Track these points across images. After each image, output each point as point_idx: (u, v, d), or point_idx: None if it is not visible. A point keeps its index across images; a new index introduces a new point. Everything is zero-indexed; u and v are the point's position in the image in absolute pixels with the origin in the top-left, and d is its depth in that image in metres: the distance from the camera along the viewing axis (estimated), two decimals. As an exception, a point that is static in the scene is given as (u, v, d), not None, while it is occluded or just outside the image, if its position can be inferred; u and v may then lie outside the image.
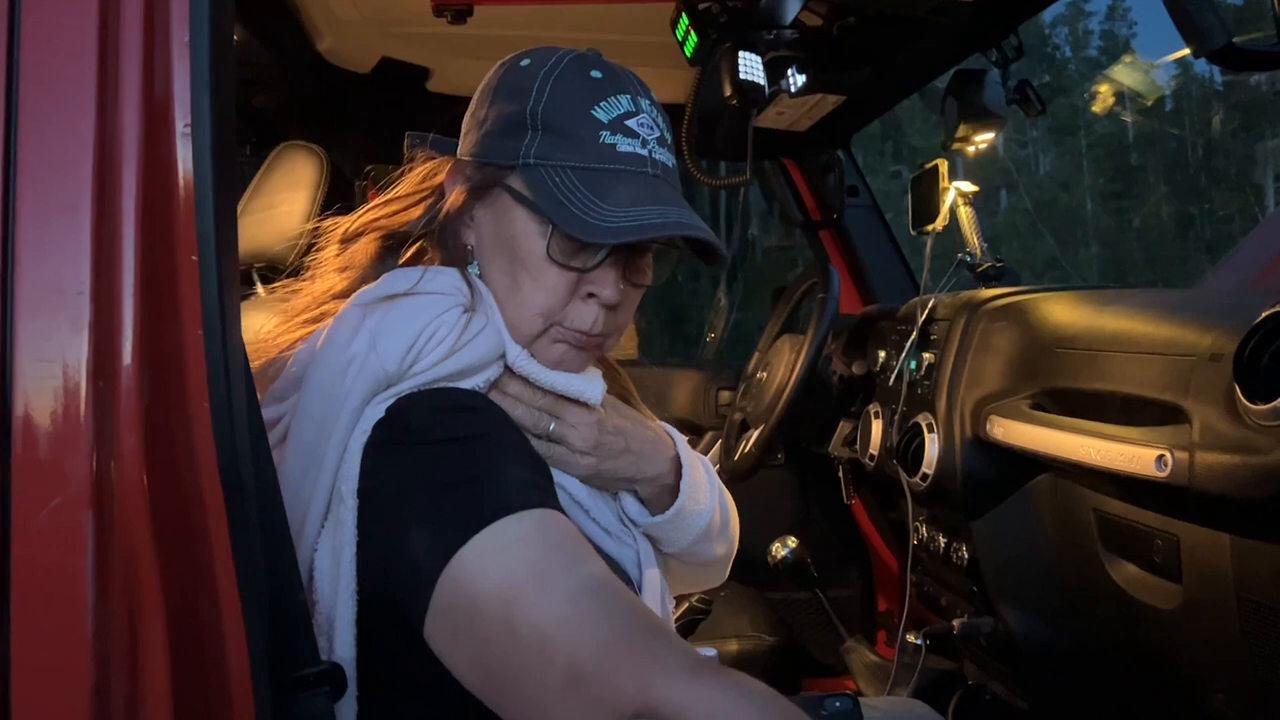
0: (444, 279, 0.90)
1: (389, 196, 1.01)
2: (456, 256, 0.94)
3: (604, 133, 0.88)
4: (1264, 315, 0.93)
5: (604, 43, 2.04)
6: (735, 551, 1.13)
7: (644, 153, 0.89)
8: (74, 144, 0.63)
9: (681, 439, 1.05)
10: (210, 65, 0.67)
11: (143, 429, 0.62)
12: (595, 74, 0.90)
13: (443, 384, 0.85)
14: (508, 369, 0.91)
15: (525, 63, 0.92)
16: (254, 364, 0.86)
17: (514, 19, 1.91)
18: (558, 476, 0.92)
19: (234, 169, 0.73)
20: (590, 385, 0.93)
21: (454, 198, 0.93)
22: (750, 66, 1.65)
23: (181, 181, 0.66)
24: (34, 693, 0.60)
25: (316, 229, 1.06)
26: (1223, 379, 1.00)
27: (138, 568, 0.62)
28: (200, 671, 0.65)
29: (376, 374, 0.83)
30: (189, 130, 0.67)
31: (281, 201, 1.78)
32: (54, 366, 0.61)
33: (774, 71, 1.75)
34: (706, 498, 1.03)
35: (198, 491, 0.65)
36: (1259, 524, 1.00)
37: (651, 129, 0.91)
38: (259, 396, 0.79)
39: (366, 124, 2.37)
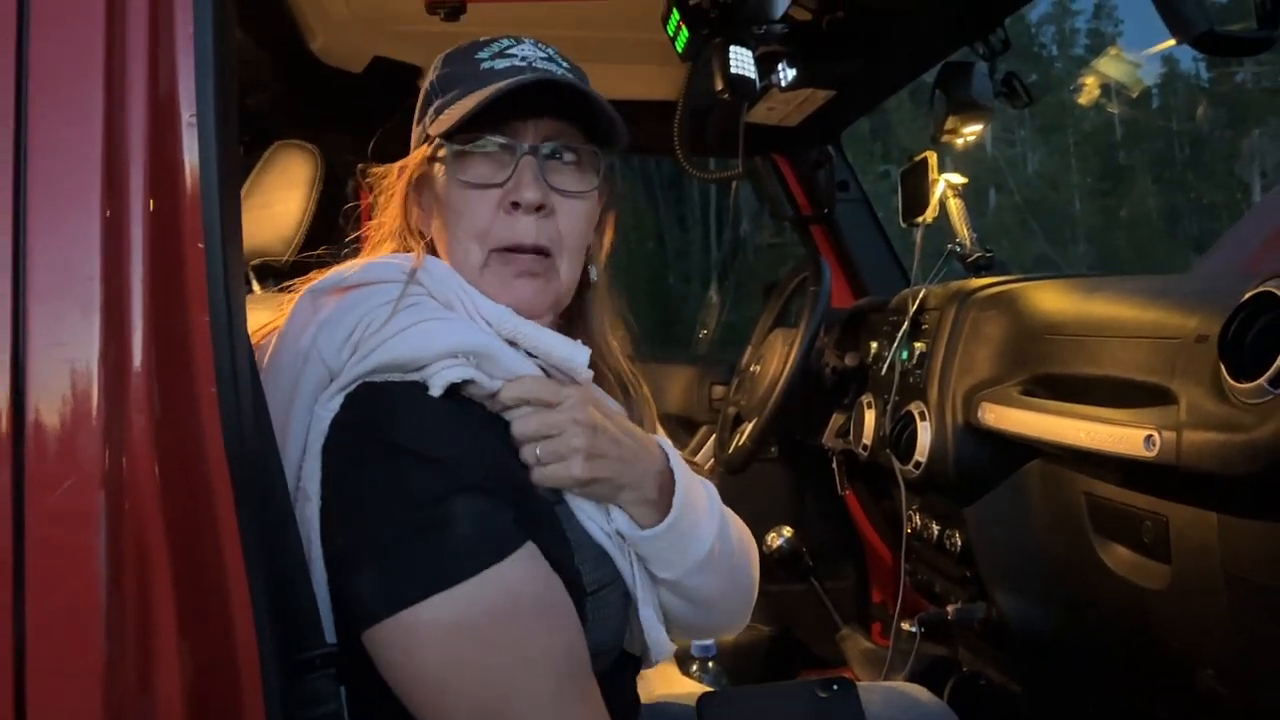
0: (382, 267, 0.91)
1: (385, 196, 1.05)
2: (420, 235, 0.99)
3: (484, 63, 0.94)
4: (1247, 295, 0.95)
5: (596, 39, 2.07)
6: (750, 602, 1.08)
7: (522, 64, 0.94)
8: (83, 135, 0.65)
9: (675, 453, 0.99)
10: (214, 57, 0.69)
11: (152, 411, 0.64)
12: (482, 39, 0.98)
13: (384, 375, 0.83)
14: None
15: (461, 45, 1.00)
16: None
17: (506, 17, 1.92)
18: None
19: (238, 158, 0.75)
20: (576, 350, 0.92)
21: (398, 195, 1.00)
22: (741, 61, 1.67)
23: (187, 170, 0.68)
24: (48, 669, 0.61)
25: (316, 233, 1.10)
26: (1208, 359, 1.02)
27: (148, 546, 0.63)
28: (210, 649, 0.66)
29: (319, 368, 0.84)
30: (194, 120, 0.68)
31: (277, 200, 1.79)
32: (65, 350, 0.62)
33: (765, 66, 1.76)
34: (707, 521, 0.98)
35: (205, 471, 0.66)
36: (1245, 501, 1.02)
37: (536, 51, 0.97)
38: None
39: (359, 123, 2.37)
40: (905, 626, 1.71)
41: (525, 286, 0.94)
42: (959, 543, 1.60)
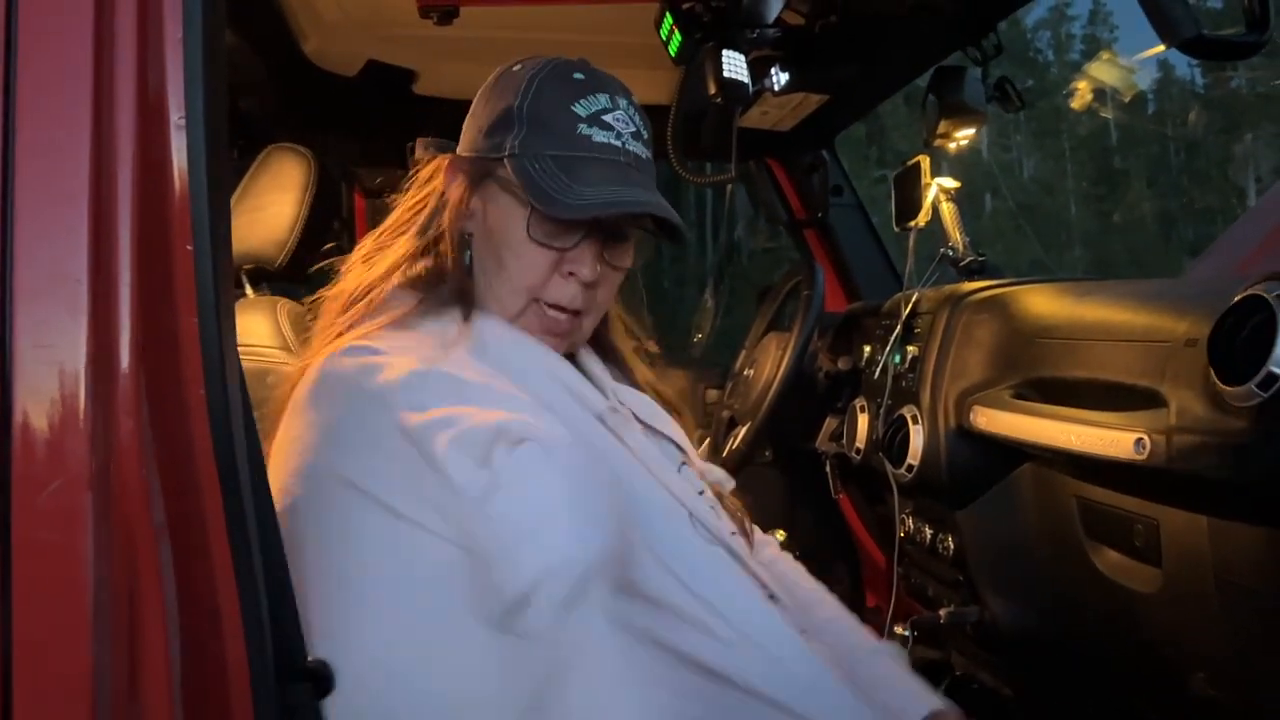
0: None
1: (402, 202, 1.09)
2: (456, 245, 1.02)
3: (581, 125, 0.99)
4: (1237, 299, 0.96)
5: (589, 43, 2.07)
6: None
7: (618, 144, 1.00)
8: (71, 136, 0.65)
9: None
10: (203, 59, 0.69)
11: (140, 413, 0.64)
12: (578, 76, 1.02)
13: None
14: None
15: (517, 68, 1.05)
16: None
17: (500, 20, 1.92)
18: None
19: (227, 161, 0.75)
20: None
21: (452, 191, 1.04)
22: (734, 65, 1.67)
23: (176, 172, 0.68)
24: (35, 672, 0.61)
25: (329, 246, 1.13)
26: (1198, 363, 1.02)
27: (137, 549, 0.63)
28: (198, 653, 0.66)
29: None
30: (183, 122, 0.68)
31: (270, 204, 1.79)
32: (53, 352, 0.62)
33: (758, 70, 1.77)
34: None
35: (193, 474, 0.66)
36: (1235, 505, 1.02)
37: (627, 124, 1.01)
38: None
39: (353, 126, 2.38)
40: (898, 630, 1.71)
41: (552, 339, 1.03)
42: (951, 546, 1.60)
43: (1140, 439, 1.06)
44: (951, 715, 1.03)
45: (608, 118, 1.00)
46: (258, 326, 1.60)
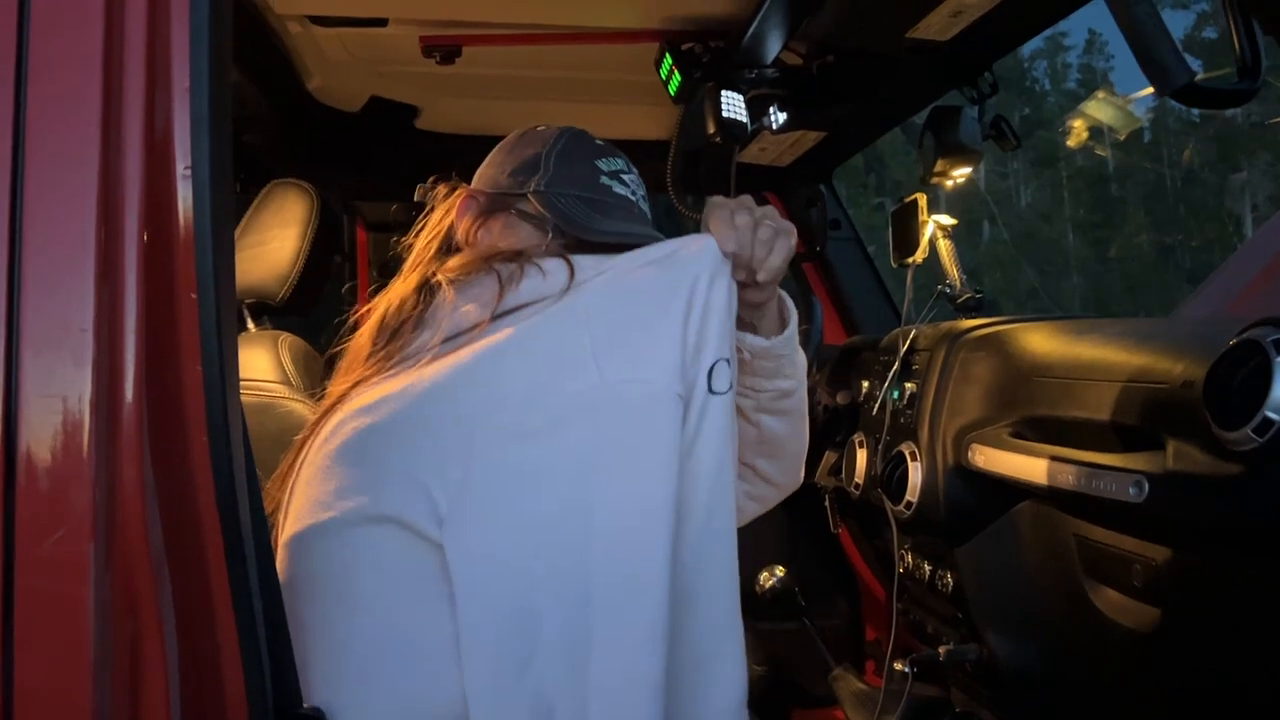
0: None
1: (423, 235, 1.15)
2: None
3: (604, 177, 1.11)
4: (1231, 343, 0.96)
5: (590, 81, 2.10)
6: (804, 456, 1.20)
7: (633, 199, 1.12)
8: (79, 187, 0.65)
9: None
10: (209, 110, 0.70)
11: (143, 462, 0.64)
12: (598, 142, 1.15)
13: None
14: None
15: (541, 128, 1.16)
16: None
17: (501, 59, 1.94)
18: None
19: (233, 209, 0.76)
20: None
21: (464, 223, 1.11)
22: (733, 104, 1.69)
23: (181, 221, 0.68)
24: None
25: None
26: (1195, 406, 1.02)
27: (139, 598, 0.63)
28: (200, 702, 0.66)
29: None
30: (189, 172, 0.69)
31: (272, 239, 1.80)
32: (58, 402, 0.63)
33: (756, 109, 1.78)
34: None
35: (196, 523, 0.67)
36: (1232, 547, 1.03)
37: (639, 187, 1.14)
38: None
39: (355, 161, 2.39)
40: (898, 666, 1.70)
41: None
42: (950, 583, 1.60)
43: (1138, 481, 1.07)
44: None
45: (625, 178, 1.13)
46: (259, 361, 1.61)
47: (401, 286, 1.04)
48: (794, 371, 1.10)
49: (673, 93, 1.75)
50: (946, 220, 1.98)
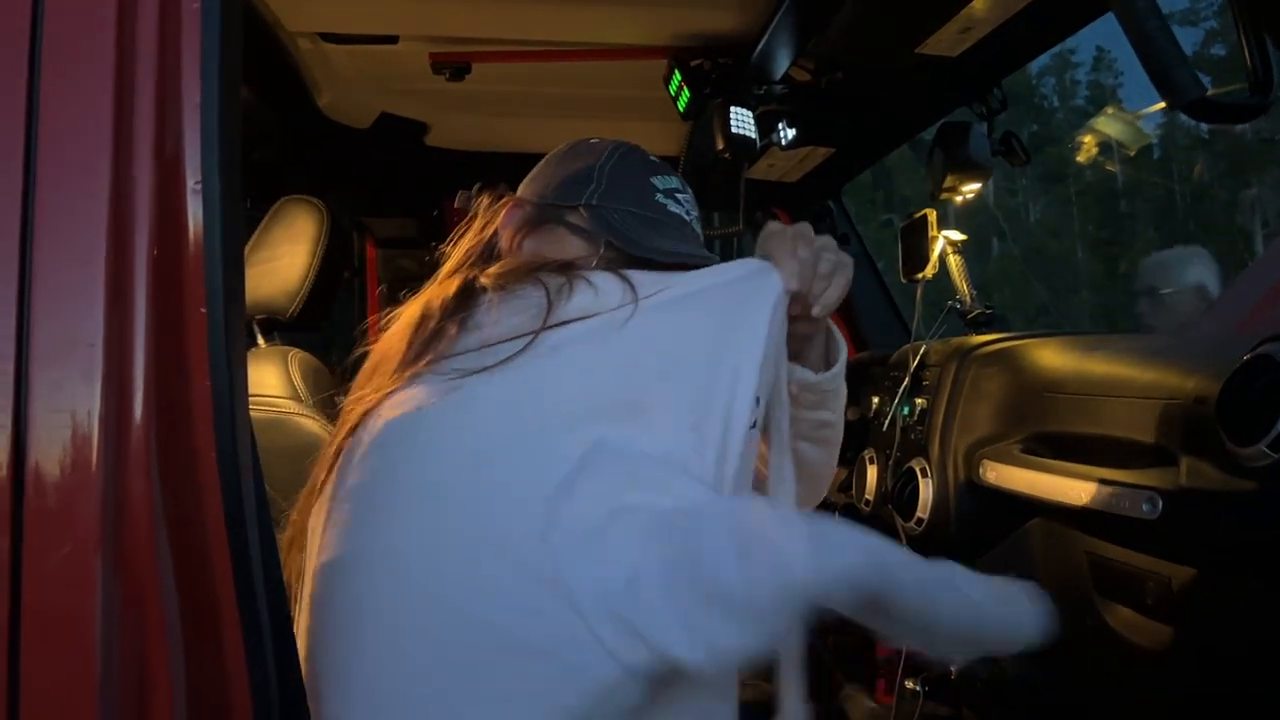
0: None
1: (464, 241, 1.11)
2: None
3: (659, 195, 1.08)
4: (1245, 359, 0.96)
5: (599, 98, 2.10)
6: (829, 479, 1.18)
7: (687, 219, 1.09)
8: (89, 202, 0.65)
9: None
10: (219, 126, 0.70)
11: (151, 478, 0.64)
12: (652, 158, 1.13)
13: None
14: None
15: (594, 141, 1.12)
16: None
17: (511, 76, 1.95)
18: None
19: (242, 224, 0.76)
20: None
21: (509, 231, 1.08)
22: (742, 121, 1.69)
23: (191, 237, 0.68)
24: (42, 739, 0.61)
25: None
26: (1207, 422, 1.01)
27: (146, 614, 0.63)
28: (206, 716, 0.66)
29: None
30: (199, 187, 0.69)
31: (283, 255, 1.80)
32: (66, 417, 0.63)
33: (765, 125, 1.79)
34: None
35: (204, 539, 0.66)
36: (1246, 564, 1.02)
37: (692, 208, 1.11)
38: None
39: (365, 178, 2.40)
40: (909, 685, 1.69)
41: None
42: (962, 601, 1.58)
43: (1151, 497, 1.06)
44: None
45: (679, 196, 1.10)
46: (268, 376, 1.61)
47: (440, 289, 0.99)
48: (837, 405, 1.09)
49: (682, 109, 1.75)
50: (956, 235, 1.98)
